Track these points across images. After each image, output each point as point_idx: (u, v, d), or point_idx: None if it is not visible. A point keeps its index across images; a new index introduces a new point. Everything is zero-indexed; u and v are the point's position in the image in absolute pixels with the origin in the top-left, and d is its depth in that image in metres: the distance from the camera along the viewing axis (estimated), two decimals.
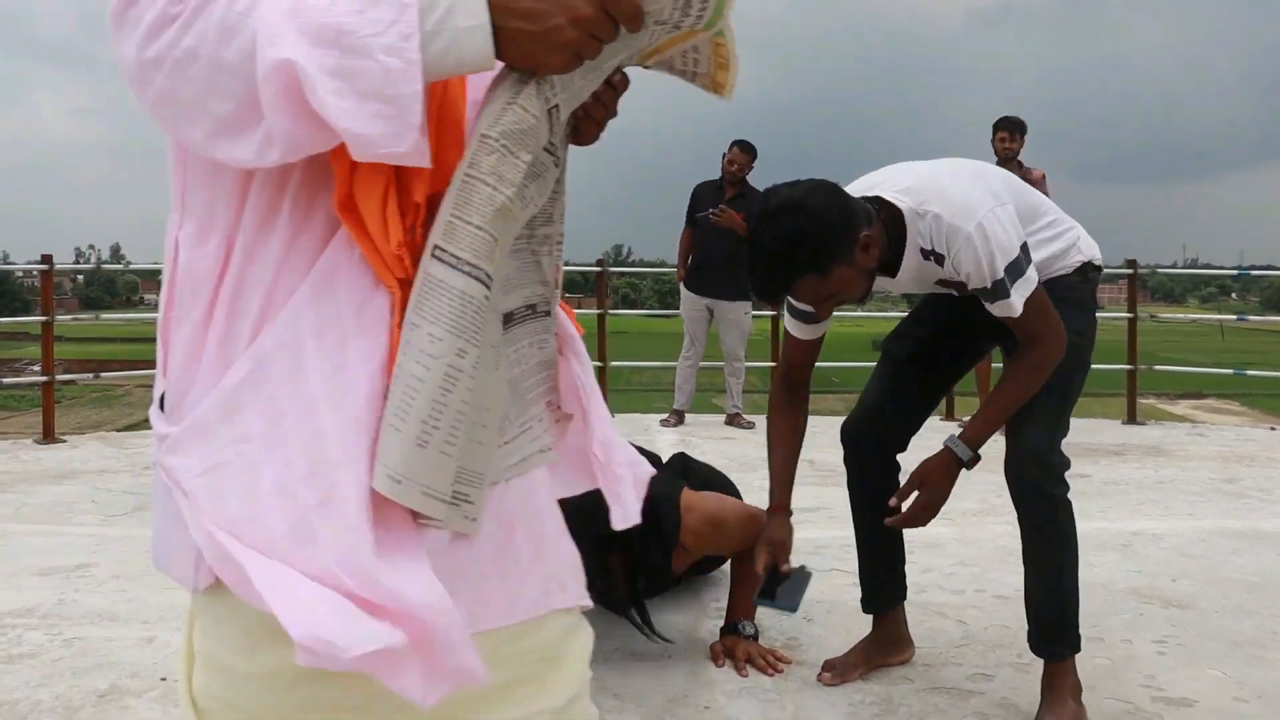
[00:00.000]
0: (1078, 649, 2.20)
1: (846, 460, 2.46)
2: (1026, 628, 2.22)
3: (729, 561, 2.66)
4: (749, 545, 2.42)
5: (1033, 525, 2.17)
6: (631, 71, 0.90)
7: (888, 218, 2.09)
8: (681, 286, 6.63)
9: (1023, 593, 2.22)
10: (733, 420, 6.62)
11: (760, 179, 7.86)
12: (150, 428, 0.86)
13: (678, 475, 2.57)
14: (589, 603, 0.96)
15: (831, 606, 2.88)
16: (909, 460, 2.25)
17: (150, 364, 1.22)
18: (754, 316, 6.82)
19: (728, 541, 2.46)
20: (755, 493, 4.40)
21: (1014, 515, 2.16)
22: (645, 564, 2.18)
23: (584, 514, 2.07)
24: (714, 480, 2.86)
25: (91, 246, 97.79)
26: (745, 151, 6.36)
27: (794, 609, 2.13)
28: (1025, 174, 5.88)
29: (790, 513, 2.33)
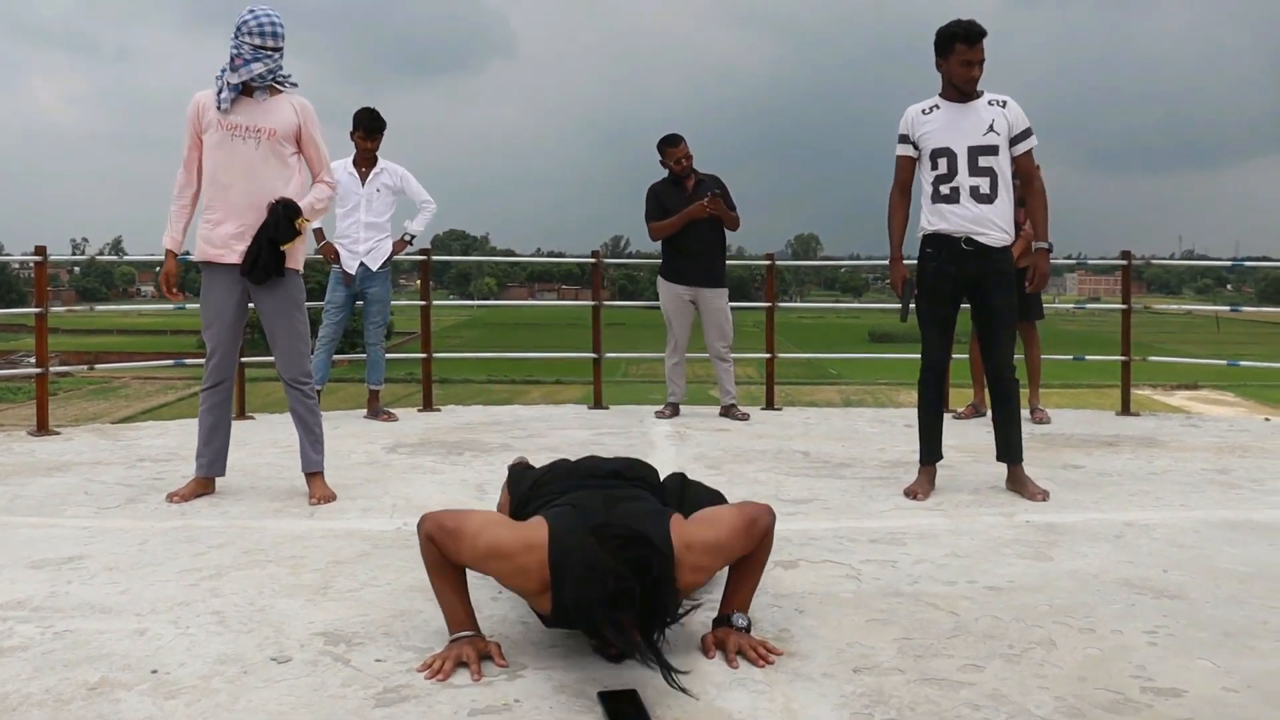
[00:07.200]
0: None
1: (932, 386, 4.29)
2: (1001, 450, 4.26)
3: None
4: (749, 551, 2.47)
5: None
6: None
7: None
8: (660, 279, 6.65)
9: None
10: (727, 412, 6.62)
11: (772, 167, 7.91)
12: (146, 421, 0.85)
13: (666, 509, 2.54)
14: None
15: (824, 598, 2.89)
16: None
17: (146, 355, 1.19)
18: (749, 308, 6.82)
19: (729, 559, 2.47)
20: (749, 485, 4.41)
21: (1007, 507, 3.15)
22: (656, 613, 2.17)
23: (594, 574, 2.07)
24: (710, 499, 2.86)
25: (85, 239, 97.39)
26: (677, 144, 6.46)
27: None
28: None
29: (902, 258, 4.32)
